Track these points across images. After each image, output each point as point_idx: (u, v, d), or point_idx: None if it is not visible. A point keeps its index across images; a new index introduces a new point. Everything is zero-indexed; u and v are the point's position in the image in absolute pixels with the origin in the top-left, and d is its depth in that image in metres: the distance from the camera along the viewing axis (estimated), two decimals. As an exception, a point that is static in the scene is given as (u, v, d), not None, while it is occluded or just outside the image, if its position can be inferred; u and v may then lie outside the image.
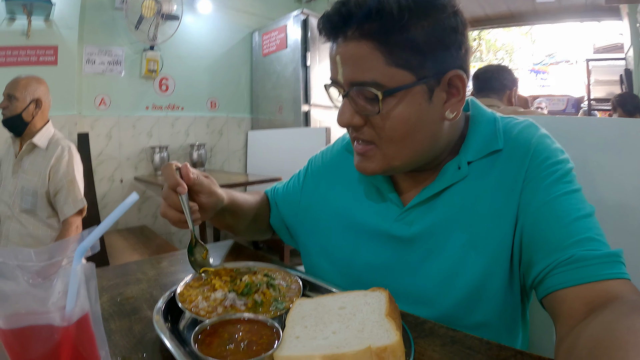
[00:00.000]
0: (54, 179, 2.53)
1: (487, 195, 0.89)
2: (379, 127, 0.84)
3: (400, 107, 0.82)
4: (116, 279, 1.04)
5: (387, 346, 0.58)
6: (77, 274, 0.46)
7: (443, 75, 0.82)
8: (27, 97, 2.52)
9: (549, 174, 0.84)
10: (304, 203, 1.17)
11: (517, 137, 0.91)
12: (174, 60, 4.64)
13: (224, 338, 0.65)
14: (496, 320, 0.89)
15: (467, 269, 0.88)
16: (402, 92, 0.81)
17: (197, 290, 0.84)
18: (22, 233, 2.57)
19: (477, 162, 0.91)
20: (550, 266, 0.76)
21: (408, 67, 0.79)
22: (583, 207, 0.80)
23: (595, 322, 0.60)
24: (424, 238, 0.93)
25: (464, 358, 0.66)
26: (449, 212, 0.91)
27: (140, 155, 4.53)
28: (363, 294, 0.75)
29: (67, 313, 0.45)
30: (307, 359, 0.58)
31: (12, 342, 0.45)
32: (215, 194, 0.99)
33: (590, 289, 0.70)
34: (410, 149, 0.86)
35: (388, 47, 0.78)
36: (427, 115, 0.84)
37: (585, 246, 0.74)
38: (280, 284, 0.86)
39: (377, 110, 0.82)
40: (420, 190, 0.95)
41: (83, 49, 4.04)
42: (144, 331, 0.78)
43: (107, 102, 4.25)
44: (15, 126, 2.54)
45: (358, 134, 0.88)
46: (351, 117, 0.86)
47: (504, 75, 2.77)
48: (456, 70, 0.83)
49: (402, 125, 0.83)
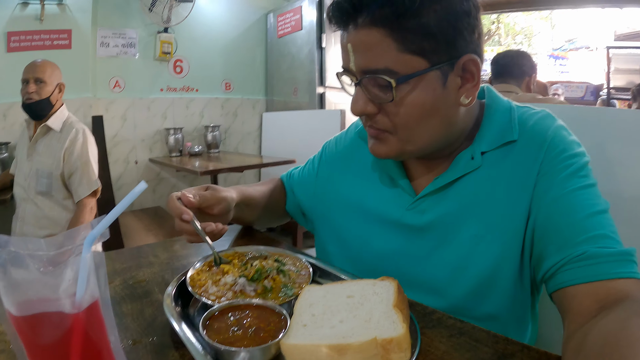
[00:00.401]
0: (68, 161, 2.56)
1: (500, 186, 0.88)
2: (393, 114, 0.83)
3: (415, 94, 0.80)
4: (129, 261, 1.05)
5: (393, 338, 0.58)
6: (86, 262, 0.46)
7: (457, 60, 0.81)
8: (54, 82, 2.56)
9: (564, 167, 0.83)
10: (319, 189, 1.17)
11: (532, 128, 0.89)
12: (188, 42, 4.63)
13: (232, 324, 0.66)
14: (505, 313, 0.89)
15: (477, 260, 0.88)
16: (416, 78, 0.79)
17: (207, 274, 0.85)
18: (38, 215, 2.61)
19: (491, 152, 0.90)
20: (562, 261, 0.75)
21: (421, 53, 0.78)
22: (598, 203, 0.79)
23: (605, 320, 0.60)
24: (436, 227, 0.92)
25: (471, 350, 0.65)
26: (461, 202, 0.90)
27: (155, 137, 4.56)
28: (372, 283, 0.75)
29: (77, 300, 0.46)
30: (313, 348, 0.59)
31: (24, 328, 0.46)
32: (223, 199, 1.01)
33: (601, 287, 0.69)
34: (425, 135, 0.86)
35: (400, 33, 0.76)
36: (442, 100, 0.83)
37: (598, 243, 0.73)
38: (290, 270, 0.87)
39: (391, 98, 0.80)
40: (432, 179, 0.94)
41: (97, 32, 4.05)
42: (154, 315, 0.79)
43: (122, 84, 4.27)
44: (42, 109, 2.57)
45: (372, 122, 0.87)
46: (365, 106, 0.85)
47: (523, 61, 2.71)
48: (470, 54, 0.81)
49: (417, 111, 0.82)
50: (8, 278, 0.45)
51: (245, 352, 0.59)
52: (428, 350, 0.65)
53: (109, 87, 4.20)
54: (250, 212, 1.15)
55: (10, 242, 0.45)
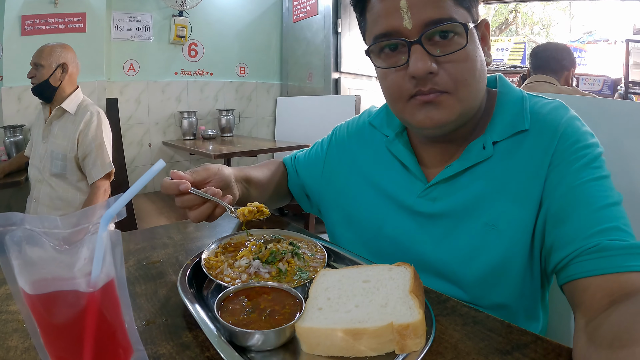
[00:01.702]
0: (82, 143, 2.58)
1: (512, 176, 0.87)
2: (454, 69, 0.82)
3: (470, 46, 0.82)
4: (143, 242, 1.06)
5: (410, 324, 0.58)
6: (102, 240, 0.46)
7: (479, 22, 0.87)
8: (53, 63, 2.56)
9: (577, 158, 0.82)
10: (327, 173, 1.17)
11: (545, 117, 0.88)
12: (203, 25, 4.62)
13: (247, 306, 0.66)
14: (515, 303, 0.89)
15: (488, 249, 0.87)
16: (470, 31, 0.82)
17: (222, 256, 0.85)
18: (53, 196, 2.64)
19: (503, 142, 0.89)
20: (574, 253, 0.74)
21: (467, 8, 0.83)
22: (611, 195, 0.78)
23: (616, 314, 0.59)
24: (447, 215, 0.92)
25: (484, 339, 0.65)
26: (473, 191, 0.90)
27: (169, 120, 4.57)
28: (388, 268, 0.74)
29: (92, 279, 0.46)
30: (328, 332, 0.59)
31: (38, 307, 0.46)
32: (217, 171, 0.97)
33: (613, 280, 0.68)
34: (477, 92, 0.87)
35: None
36: (480, 55, 0.86)
37: (611, 235, 0.72)
38: (305, 253, 0.86)
39: (464, 44, 0.81)
40: (444, 167, 0.93)
41: (111, 16, 4.06)
42: (168, 295, 0.79)
43: (136, 67, 4.29)
44: (44, 92, 2.58)
45: (433, 84, 0.84)
46: (429, 63, 0.81)
47: (562, 54, 2.66)
48: (485, 19, 0.88)
49: (474, 64, 0.84)
50: (23, 256, 0.44)
51: (259, 334, 0.59)
52: (442, 338, 0.64)
53: (123, 70, 4.21)
54: (255, 191, 1.13)
55: (25, 219, 0.44)
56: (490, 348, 0.62)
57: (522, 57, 6.32)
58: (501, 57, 6.47)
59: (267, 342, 0.60)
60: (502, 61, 6.43)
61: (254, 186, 1.12)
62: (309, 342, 0.60)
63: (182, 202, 0.90)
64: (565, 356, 0.61)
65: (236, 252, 0.86)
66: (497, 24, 8.58)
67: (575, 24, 7.63)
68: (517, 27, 8.41)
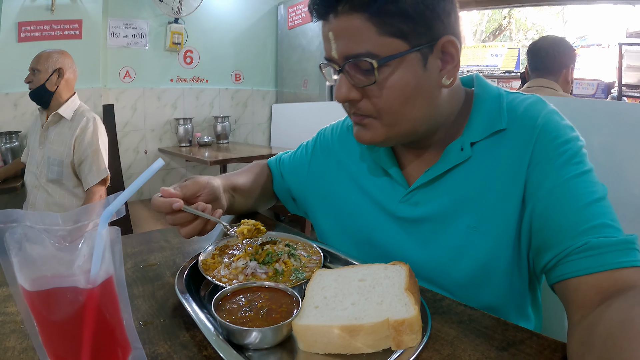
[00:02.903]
0: (78, 148, 2.58)
1: (492, 177, 0.87)
2: (377, 97, 0.84)
3: (396, 75, 0.81)
4: (140, 246, 1.06)
5: (405, 320, 0.58)
6: (102, 237, 0.46)
7: (436, 42, 0.82)
8: (49, 68, 2.57)
9: (558, 154, 0.82)
10: (312, 176, 1.17)
11: (522, 115, 0.88)
12: (199, 33, 4.64)
13: (244, 305, 0.66)
14: (504, 304, 0.89)
15: (471, 251, 0.88)
16: (397, 60, 0.80)
17: (219, 258, 0.86)
18: (49, 202, 2.64)
19: (481, 142, 0.90)
20: (563, 253, 0.74)
21: (400, 35, 0.79)
22: (595, 190, 0.78)
23: (609, 310, 0.59)
24: (430, 219, 0.93)
25: (480, 336, 0.65)
26: (454, 194, 0.90)
27: (164, 127, 4.57)
28: (383, 267, 0.75)
29: (91, 276, 0.46)
30: (325, 329, 0.59)
31: (37, 303, 0.46)
32: (206, 184, 0.98)
33: (605, 278, 0.68)
34: (409, 118, 0.86)
35: (379, 17, 0.78)
36: (424, 82, 0.83)
37: (600, 233, 0.72)
38: (302, 255, 0.87)
39: (374, 80, 0.81)
40: (424, 170, 0.94)
41: (107, 23, 4.07)
42: (166, 297, 0.80)
43: (132, 74, 4.29)
44: (40, 97, 2.59)
45: (356, 109, 0.88)
46: (348, 92, 0.85)
47: (559, 49, 2.45)
48: (448, 36, 0.82)
49: (400, 93, 0.82)
50: (23, 253, 0.45)
51: (257, 332, 0.60)
52: (438, 335, 0.65)
53: (119, 77, 4.22)
54: (240, 198, 1.14)
55: (26, 216, 0.45)
56: (486, 345, 0.63)
57: (516, 63, 6.34)
58: (495, 62, 6.49)
59: (264, 340, 0.61)
60: (497, 66, 6.46)
61: (239, 193, 1.14)
62: (306, 340, 0.61)
63: (174, 220, 0.89)
64: (561, 352, 0.61)
65: (233, 254, 0.87)
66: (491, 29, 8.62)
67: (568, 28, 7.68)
68: (511, 32, 8.45)
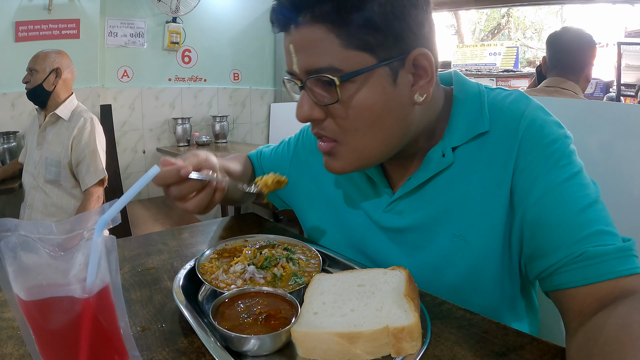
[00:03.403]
0: (76, 149, 2.58)
1: (476, 183, 0.83)
2: (342, 118, 0.77)
3: (362, 93, 0.75)
4: (138, 249, 1.05)
5: (405, 327, 0.58)
6: (98, 246, 0.46)
7: (407, 56, 0.75)
8: (47, 68, 2.57)
9: (545, 157, 0.77)
10: (294, 174, 1.13)
11: (505, 115, 0.83)
12: (197, 32, 4.62)
13: (242, 311, 0.66)
14: (494, 310, 0.87)
15: (457, 260, 0.86)
16: (363, 76, 0.74)
17: (217, 262, 0.85)
18: (47, 203, 2.64)
19: (464, 146, 0.85)
20: (559, 263, 0.72)
21: (367, 48, 0.73)
22: (587, 194, 0.75)
23: (607, 317, 0.59)
24: (415, 229, 0.90)
25: (481, 342, 0.65)
26: (439, 202, 0.87)
27: (163, 127, 4.56)
28: (383, 272, 0.75)
29: (87, 285, 0.46)
30: (324, 336, 0.59)
31: (33, 313, 0.46)
32: (206, 158, 0.91)
33: (603, 287, 0.67)
34: (378, 139, 0.80)
35: (343, 28, 0.71)
36: (394, 99, 0.77)
37: (596, 241, 0.70)
38: (300, 259, 0.86)
39: (336, 98, 0.75)
40: (406, 179, 0.89)
41: (105, 22, 4.05)
42: (163, 302, 0.79)
43: (130, 74, 4.28)
44: (38, 97, 2.59)
45: (319, 129, 0.82)
46: (310, 111, 0.79)
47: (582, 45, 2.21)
48: (420, 49, 0.75)
49: (367, 112, 0.76)
50: (18, 262, 0.44)
51: (255, 340, 0.59)
52: (438, 341, 0.64)
53: (117, 76, 4.20)
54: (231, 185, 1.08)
55: (20, 225, 0.44)
56: (487, 350, 0.62)
57: (515, 61, 6.36)
58: (494, 61, 6.50)
59: (263, 347, 0.60)
60: (495, 65, 6.47)
61: (230, 178, 1.08)
62: (305, 347, 0.60)
63: (181, 190, 0.82)
64: (561, 357, 0.61)
65: (231, 258, 0.86)
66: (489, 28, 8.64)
67: (567, 28, 7.70)
68: (510, 31, 8.47)
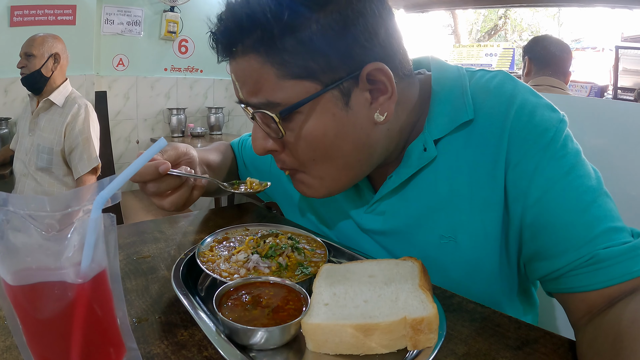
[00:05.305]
0: (69, 136, 2.54)
1: (463, 179, 0.77)
2: (295, 150, 0.74)
3: (310, 123, 0.70)
4: (132, 237, 1.01)
5: (424, 318, 0.55)
6: (95, 225, 0.42)
7: (359, 73, 0.69)
8: (45, 53, 2.53)
9: (540, 149, 0.71)
10: (275, 170, 1.03)
11: (491, 99, 0.77)
12: (194, 22, 4.57)
13: (247, 302, 0.62)
14: None
15: (446, 264, 0.80)
16: (307, 105, 0.69)
17: (217, 250, 0.81)
18: (38, 191, 2.60)
19: (447, 138, 0.78)
20: (568, 267, 0.68)
21: (307, 75, 0.67)
22: (590, 186, 0.69)
23: (618, 312, 0.57)
24: (398, 231, 0.85)
25: (494, 335, 0.63)
26: (423, 200, 0.81)
27: (157, 117, 4.52)
28: (394, 263, 0.71)
29: (82, 269, 0.42)
30: (337, 328, 0.55)
31: (21, 299, 0.41)
32: (184, 152, 0.90)
33: (616, 289, 0.64)
34: (339, 166, 0.76)
35: (277, 56, 0.66)
36: (347, 124, 0.71)
37: (606, 242, 0.65)
38: (305, 248, 0.82)
39: (280, 134, 0.71)
40: (387, 178, 0.84)
41: (102, 9, 4.01)
42: (161, 291, 0.75)
43: (126, 62, 4.24)
44: (35, 82, 2.54)
45: (278, 161, 0.79)
46: (265, 143, 0.76)
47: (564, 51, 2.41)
48: (374, 62, 0.69)
49: (319, 142, 0.72)
50: (5, 242, 0.40)
51: (263, 332, 0.55)
52: (451, 334, 0.62)
53: (112, 64, 4.16)
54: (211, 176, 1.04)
55: (9, 200, 0.40)
56: (501, 344, 0.61)
57: (511, 63, 6.41)
58: (490, 62, 6.53)
59: (270, 340, 0.56)
60: (491, 66, 6.50)
61: (211, 171, 1.06)
62: (316, 340, 0.56)
63: (159, 187, 0.81)
64: (575, 351, 0.60)
65: (233, 247, 0.82)
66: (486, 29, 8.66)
67: (564, 31, 7.74)
68: (506, 32, 8.50)
